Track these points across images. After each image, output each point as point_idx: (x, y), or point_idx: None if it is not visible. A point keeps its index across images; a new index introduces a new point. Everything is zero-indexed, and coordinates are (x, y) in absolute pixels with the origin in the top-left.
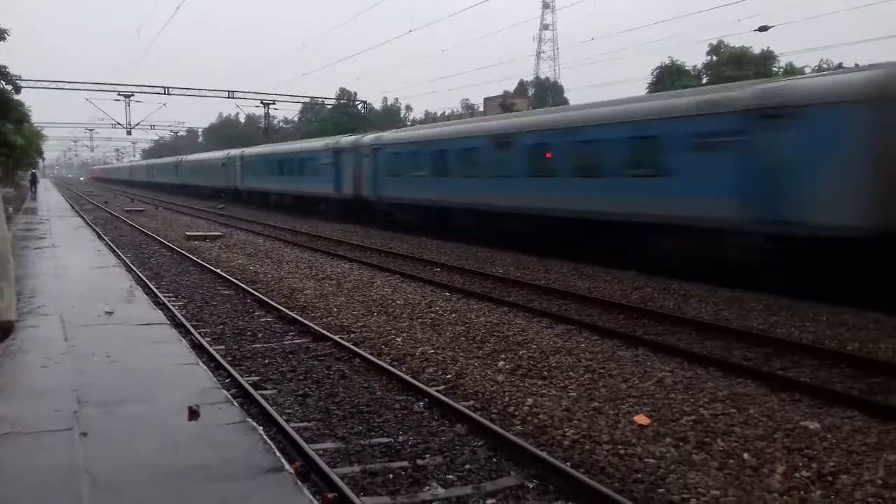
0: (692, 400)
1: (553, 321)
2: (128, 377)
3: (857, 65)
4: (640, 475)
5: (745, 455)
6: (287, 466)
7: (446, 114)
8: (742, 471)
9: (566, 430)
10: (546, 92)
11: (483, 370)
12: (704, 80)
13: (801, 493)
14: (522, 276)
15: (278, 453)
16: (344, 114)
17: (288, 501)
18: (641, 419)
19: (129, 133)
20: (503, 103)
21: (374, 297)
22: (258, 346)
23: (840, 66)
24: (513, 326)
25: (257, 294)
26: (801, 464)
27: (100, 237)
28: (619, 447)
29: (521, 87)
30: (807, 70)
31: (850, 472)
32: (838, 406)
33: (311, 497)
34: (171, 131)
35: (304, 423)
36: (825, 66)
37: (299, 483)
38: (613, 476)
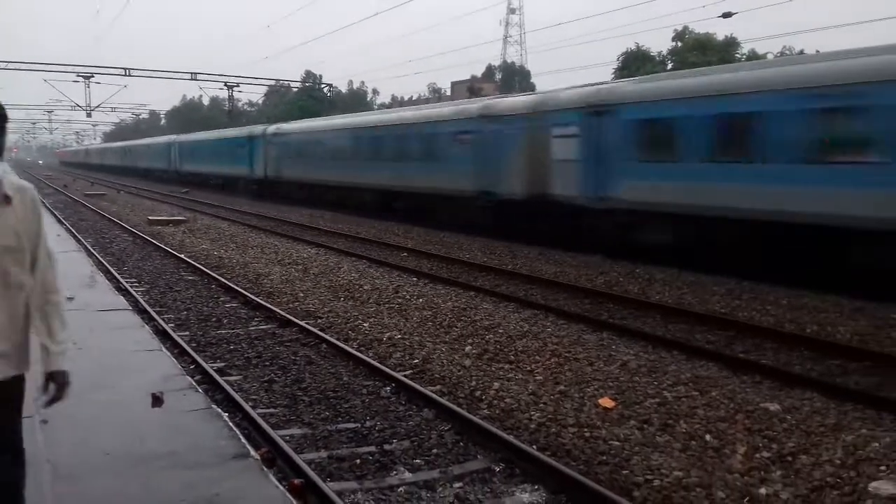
0: (656, 383)
1: (520, 306)
2: (89, 364)
3: (817, 51)
4: (604, 457)
5: (707, 436)
6: (253, 453)
7: (413, 98)
8: (704, 452)
9: (532, 413)
10: (513, 76)
11: (450, 355)
12: (669, 66)
13: (762, 473)
14: (489, 261)
15: (244, 440)
16: (310, 97)
17: (254, 487)
18: (606, 402)
19: (88, 115)
20: (471, 87)
21: (341, 283)
22: (223, 332)
23: (801, 52)
24: (480, 311)
25: (222, 279)
26: (761, 444)
27: (59, 221)
28: (585, 430)
29: (489, 71)
30: (769, 55)
31: (810, 453)
32: (798, 388)
33: (277, 483)
34: (133, 114)
35: (270, 409)
36: (787, 52)
37: (265, 469)
38: (579, 458)
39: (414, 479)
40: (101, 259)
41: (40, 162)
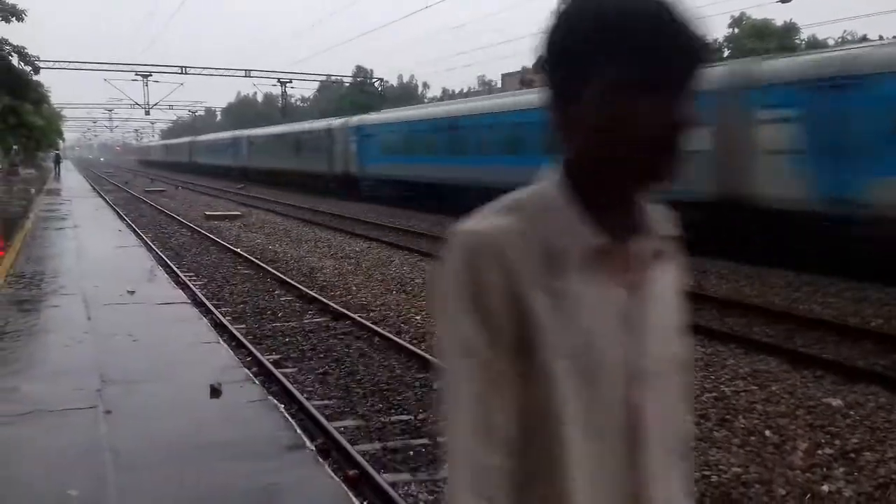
0: (713, 377)
1: None
2: (150, 356)
3: (880, 37)
4: None
5: (767, 432)
6: (308, 444)
7: (464, 91)
8: (764, 448)
9: None
10: None
11: None
12: (726, 54)
13: (824, 469)
14: None
15: (299, 431)
16: (361, 91)
17: (310, 478)
18: None
19: (147, 113)
20: (522, 80)
21: (393, 276)
22: (278, 324)
23: (864, 38)
24: None
25: (277, 273)
26: (823, 441)
27: (121, 217)
28: None
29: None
30: (829, 41)
31: (874, 449)
32: (861, 383)
33: (332, 474)
34: (190, 111)
35: (325, 401)
36: (848, 37)
37: (321, 460)
38: None
39: None
40: (160, 253)
41: (102, 159)
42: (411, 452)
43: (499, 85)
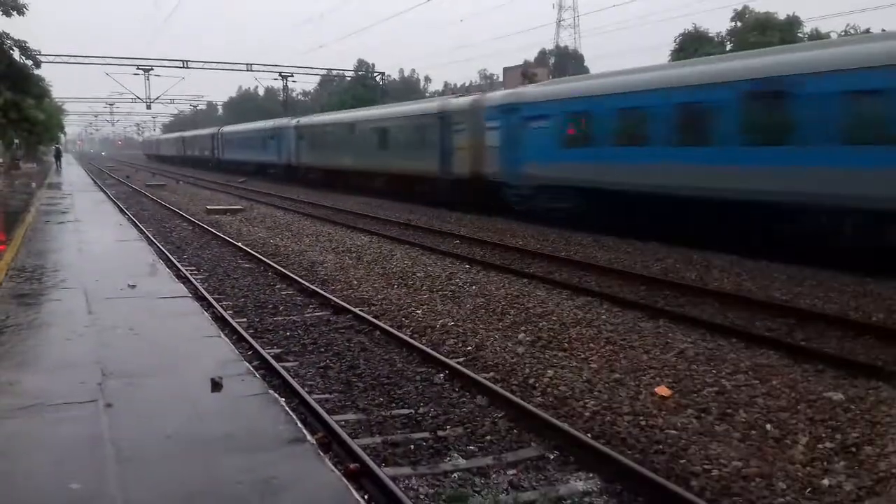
0: (714, 371)
1: (573, 293)
2: (151, 349)
3: (883, 30)
4: (661, 446)
5: (768, 426)
6: (309, 437)
7: (465, 84)
8: (764, 442)
9: (587, 401)
10: (566, 61)
11: (503, 342)
12: (728, 47)
13: (825, 463)
14: (542, 247)
15: (300, 424)
16: (363, 86)
17: (311, 472)
18: (663, 390)
19: (148, 107)
20: (524, 73)
21: (394, 270)
22: (279, 318)
23: (868, 30)
24: (533, 298)
25: (278, 267)
26: (824, 435)
27: (122, 211)
28: (641, 418)
29: (542, 56)
30: (833, 35)
31: (874, 444)
32: (862, 377)
33: (332, 468)
34: (191, 105)
35: (326, 395)
36: (851, 31)
37: (321, 454)
38: (634, 447)
39: (468, 466)
40: (161, 248)
41: (103, 153)
42: (412, 446)
43: (500, 79)
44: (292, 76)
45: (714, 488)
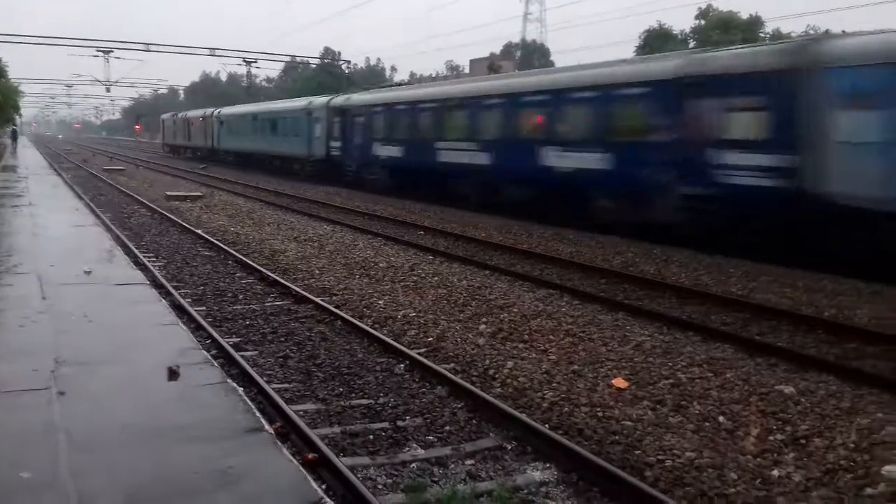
0: (670, 364)
1: (535, 285)
2: (106, 337)
3: (843, 31)
4: (617, 437)
5: (721, 418)
6: (267, 427)
7: (432, 75)
8: (717, 433)
9: (545, 392)
10: (532, 55)
11: (464, 333)
12: (692, 44)
13: (775, 455)
14: (505, 239)
15: (258, 414)
16: (328, 73)
17: (268, 461)
18: (620, 382)
19: (108, 90)
20: (490, 65)
21: (357, 260)
22: (239, 307)
23: (827, 31)
24: (494, 290)
25: (238, 255)
26: (775, 427)
27: (79, 196)
28: (598, 409)
29: (508, 49)
30: (793, 34)
31: (823, 436)
32: (813, 371)
33: (290, 457)
34: (153, 89)
35: (285, 385)
36: (812, 31)
37: (279, 443)
38: (591, 438)
39: (426, 456)
40: (119, 234)
41: (59, 136)
42: (371, 436)
43: (466, 70)
44: (256, 62)
45: (668, 478)
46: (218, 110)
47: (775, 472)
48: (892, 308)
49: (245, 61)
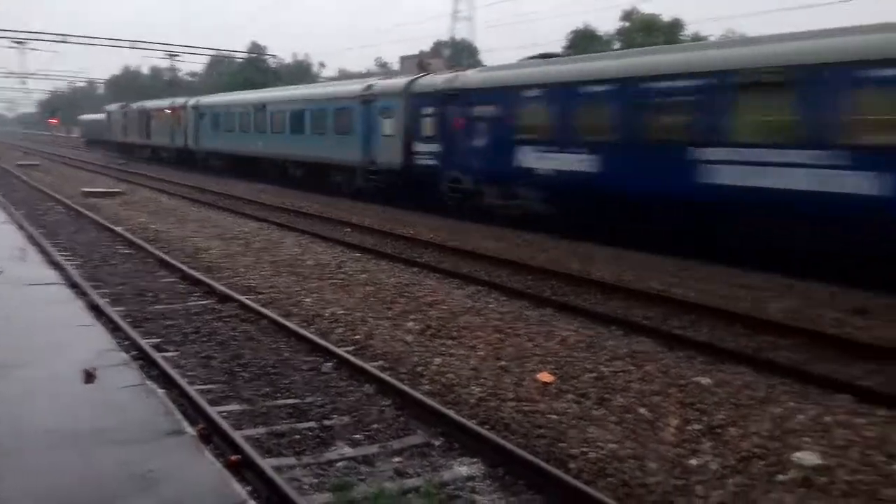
0: (594, 358)
1: (463, 282)
2: (19, 339)
3: (758, 35)
4: (542, 430)
5: (642, 410)
6: (189, 429)
7: (361, 72)
8: (638, 425)
9: (473, 388)
10: (461, 53)
11: (393, 331)
12: (616, 46)
13: (693, 444)
14: (435, 237)
15: (179, 416)
16: (255, 69)
17: (189, 464)
18: (545, 377)
19: (24, 83)
20: (420, 63)
21: (284, 258)
22: (160, 307)
23: (742, 35)
24: (423, 287)
25: (159, 254)
26: (693, 417)
27: None
28: (524, 404)
29: (438, 47)
30: (711, 38)
31: (738, 425)
32: (730, 362)
33: (213, 459)
34: (71, 82)
35: (208, 386)
36: (729, 35)
37: (201, 445)
38: (517, 432)
39: (353, 454)
40: (32, 232)
41: None
42: (297, 436)
43: (396, 68)
44: (179, 56)
45: (591, 470)
46: (196, 100)
47: (693, 461)
48: (804, 301)
49: (168, 54)
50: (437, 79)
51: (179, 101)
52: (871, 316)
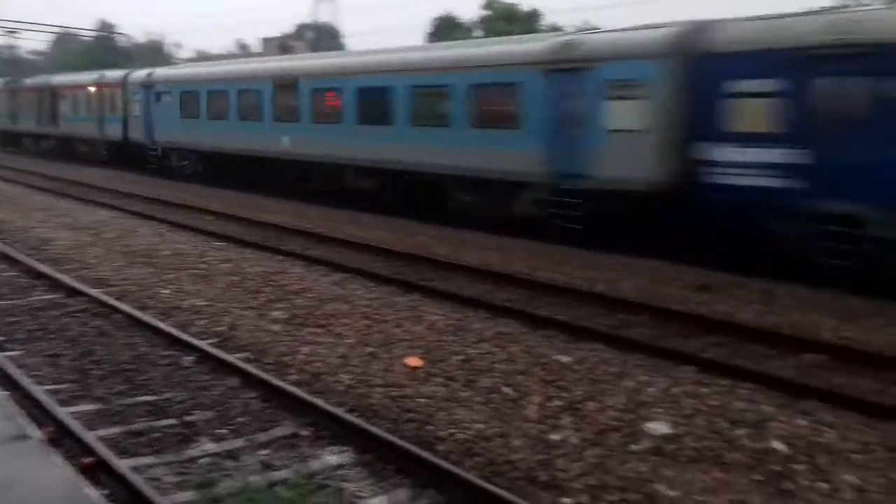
0: (461, 341)
1: (330, 269)
2: None
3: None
4: (411, 415)
5: (507, 389)
6: (36, 433)
7: (221, 54)
8: (503, 404)
9: (341, 376)
10: (325, 36)
11: (257, 321)
12: (478, 34)
13: (554, 420)
14: (301, 224)
15: (25, 419)
16: (104, 48)
17: (39, 469)
18: (414, 361)
19: None
20: (283, 45)
21: (139, 248)
22: (0, 303)
23: (597, 27)
24: (289, 275)
25: None
26: (554, 394)
27: None
28: (393, 389)
29: (301, 29)
30: (567, 28)
31: (596, 399)
32: (588, 340)
33: (64, 463)
34: None
35: (57, 386)
36: (586, 25)
37: (51, 449)
38: (386, 418)
39: (217, 450)
40: None
41: None
42: (157, 434)
43: (258, 50)
44: (18, 32)
45: (459, 450)
46: (146, 73)
47: (554, 437)
48: (655, 280)
49: (6, 31)
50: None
51: (113, 74)
52: (713, 292)
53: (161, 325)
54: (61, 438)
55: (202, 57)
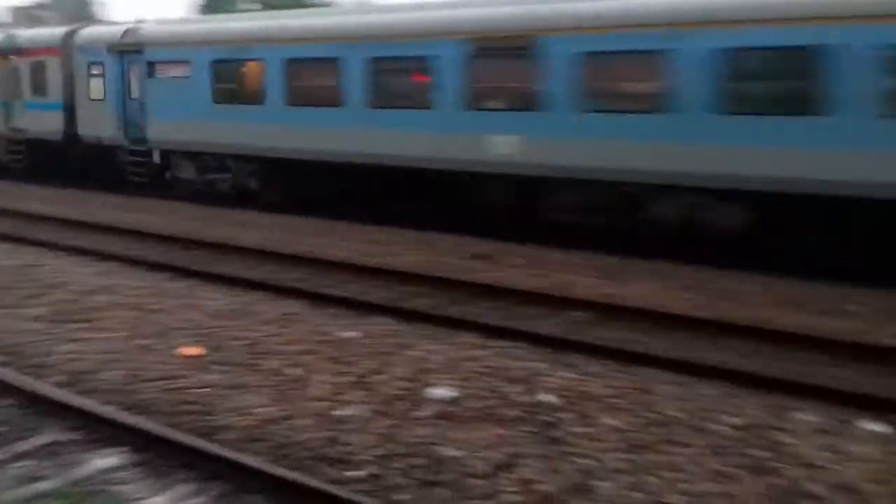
0: (244, 324)
1: (94, 259)
2: None
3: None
4: (190, 406)
5: (293, 370)
6: None
7: None
8: (290, 385)
9: (110, 372)
10: (79, 6)
11: (11, 321)
12: (254, 7)
13: (342, 396)
14: (59, 212)
15: None
16: None
17: None
18: (192, 350)
19: None
20: (31, 14)
21: None
22: None
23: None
24: (46, 268)
25: None
26: (342, 371)
27: None
28: (169, 382)
29: None
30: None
31: (383, 371)
32: (374, 315)
33: None
34: None
35: None
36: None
37: None
38: (164, 412)
39: None
40: None
41: None
42: None
43: (9, 20)
44: None
45: (243, 437)
46: (123, 29)
47: (343, 412)
48: (434, 252)
49: None
50: None
51: (34, 34)
52: (489, 260)
53: None
54: None
55: None
